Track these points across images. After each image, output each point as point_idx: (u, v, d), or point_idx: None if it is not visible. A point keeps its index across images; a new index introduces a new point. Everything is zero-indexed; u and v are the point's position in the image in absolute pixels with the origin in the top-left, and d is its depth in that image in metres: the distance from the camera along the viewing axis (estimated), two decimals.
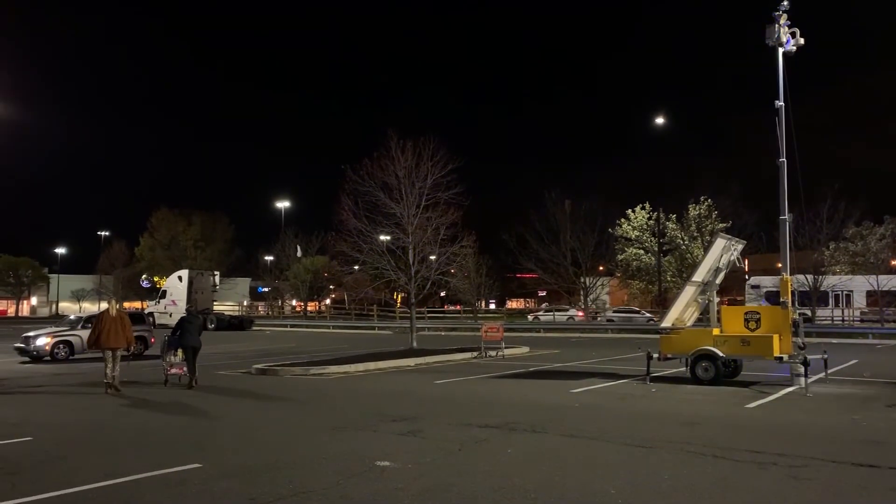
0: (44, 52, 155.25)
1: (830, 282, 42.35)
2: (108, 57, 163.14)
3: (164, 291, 50.83)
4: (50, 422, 11.77)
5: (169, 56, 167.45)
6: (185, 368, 16.21)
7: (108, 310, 15.56)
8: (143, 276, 71.29)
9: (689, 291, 17.00)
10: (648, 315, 47.07)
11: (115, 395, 14.72)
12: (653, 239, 51.65)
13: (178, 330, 16.50)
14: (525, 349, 26.47)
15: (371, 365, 20.12)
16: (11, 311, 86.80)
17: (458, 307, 66.56)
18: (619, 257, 53.78)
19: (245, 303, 76.54)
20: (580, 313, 51.63)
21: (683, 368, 16.36)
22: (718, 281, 17.12)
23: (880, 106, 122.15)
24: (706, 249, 18.36)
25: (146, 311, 41.80)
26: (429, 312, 57.93)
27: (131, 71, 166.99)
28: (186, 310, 17.57)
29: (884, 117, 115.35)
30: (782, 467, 8.01)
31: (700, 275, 16.88)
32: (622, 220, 53.25)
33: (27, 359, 23.53)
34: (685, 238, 49.69)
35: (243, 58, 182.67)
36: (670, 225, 50.92)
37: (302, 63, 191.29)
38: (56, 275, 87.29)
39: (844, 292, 43.98)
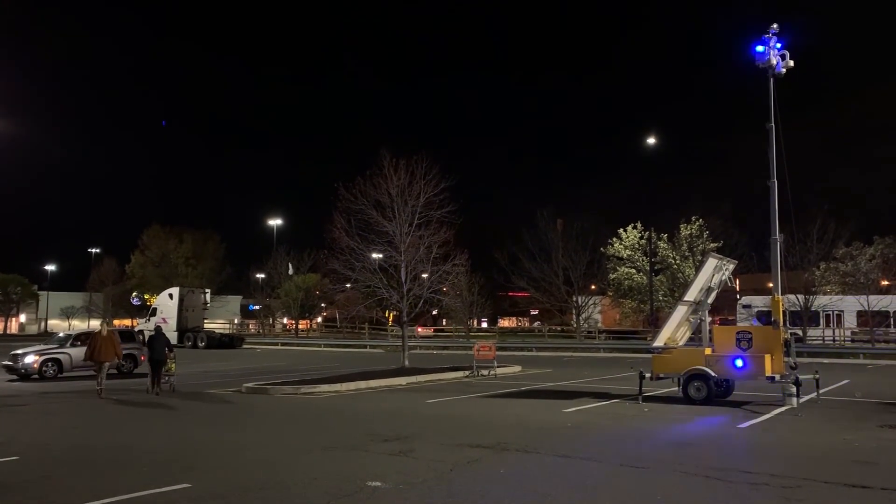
0: (32, 68, 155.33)
1: (821, 302, 42.47)
2: (98, 73, 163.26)
3: (155, 309, 50.46)
4: (37, 441, 11.65)
5: (161, 73, 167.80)
6: (166, 378, 19.00)
7: (100, 330, 18.86)
8: (134, 294, 70.80)
9: (680, 311, 17.03)
10: None
11: (104, 404, 16.38)
12: (644, 258, 51.75)
13: (148, 346, 19.54)
14: (517, 368, 26.41)
15: (362, 384, 20.03)
16: (0, 329, 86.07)
17: (431, 329, 65.60)
18: (611, 276, 53.83)
19: (236, 321, 76.03)
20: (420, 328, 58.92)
21: (676, 388, 16.34)
22: (710, 300, 17.17)
23: (870, 127, 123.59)
24: (698, 269, 18.43)
25: (136, 329, 41.47)
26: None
27: (122, 86, 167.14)
28: (155, 328, 20.39)
29: (873, 138, 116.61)
30: (774, 488, 8.00)
31: (692, 294, 16.92)
32: (614, 239, 53.40)
33: (15, 377, 23.28)
34: (676, 258, 49.85)
35: (236, 75, 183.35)
36: (662, 244, 51.07)
37: (295, 80, 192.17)
38: (45, 292, 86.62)
39: (835, 312, 44.06)
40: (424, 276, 26.12)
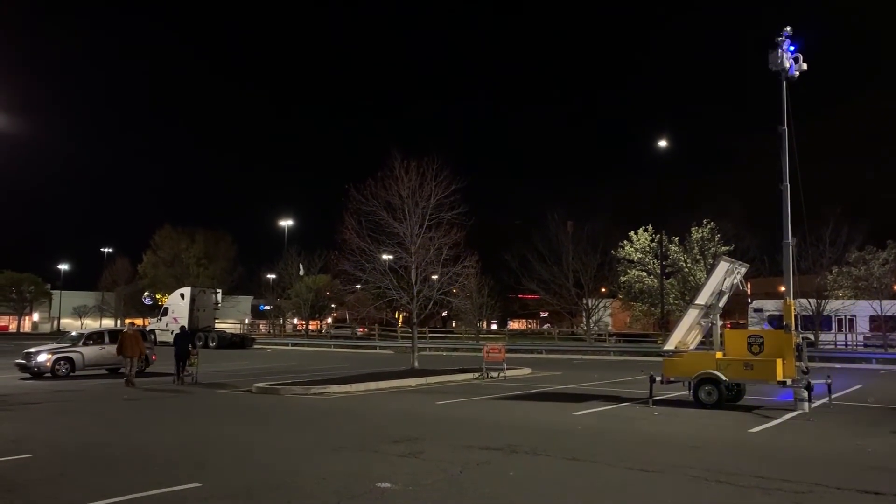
0: (46, 66, 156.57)
1: (833, 306, 42.13)
2: (111, 72, 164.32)
3: (167, 309, 50.75)
4: (49, 439, 11.74)
5: (174, 73, 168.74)
6: (189, 370, 21.62)
7: (126, 329, 22.55)
8: (146, 294, 71.08)
9: (692, 314, 16.95)
10: None
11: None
12: (655, 261, 51.50)
13: (174, 343, 22.50)
14: (527, 370, 26.36)
15: (372, 385, 20.05)
16: (13, 327, 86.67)
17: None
18: (622, 279, 53.60)
19: (247, 321, 76.26)
20: (361, 329, 63.27)
21: (686, 392, 16.27)
22: (721, 304, 17.07)
23: (883, 130, 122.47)
24: (709, 272, 18.34)
25: (148, 329, 41.74)
26: (430, 332, 57.71)
27: (135, 87, 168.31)
28: (181, 328, 23.88)
29: (887, 142, 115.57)
30: (787, 493, 7.95)
31: (703, 298, 16.85)
32: (625, 241, 53.14)
33: (28, 375, 23.44)
34: (688, 261, 49.60)
35: (248, 77, 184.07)
36: (673, 247, 50.80)
37: (308, 80, 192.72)
38: (58, 291, 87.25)
39: (847, 317, 43.76)
40: (434, 277, 26.13)
